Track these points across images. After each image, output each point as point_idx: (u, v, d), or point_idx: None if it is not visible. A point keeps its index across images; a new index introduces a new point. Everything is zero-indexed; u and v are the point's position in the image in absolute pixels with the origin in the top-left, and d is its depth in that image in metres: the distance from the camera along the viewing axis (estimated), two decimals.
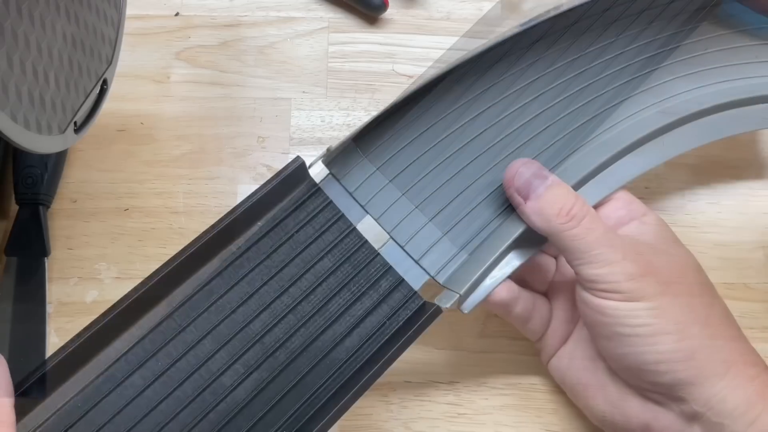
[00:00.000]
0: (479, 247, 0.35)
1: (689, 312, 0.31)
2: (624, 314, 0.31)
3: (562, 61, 0.39)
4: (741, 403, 0.30)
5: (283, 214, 0.34)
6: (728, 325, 0.32)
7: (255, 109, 0.46)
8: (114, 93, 0.39)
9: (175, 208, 0.43)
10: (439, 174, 0.37)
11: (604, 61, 0.39)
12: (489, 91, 0.38)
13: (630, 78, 0.39)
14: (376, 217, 0.35)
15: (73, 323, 0.41)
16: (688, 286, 0.32)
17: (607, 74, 0.39)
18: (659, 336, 0.30)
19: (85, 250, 0.43)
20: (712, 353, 0.31)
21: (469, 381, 0.40)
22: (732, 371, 0.31)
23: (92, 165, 0.44)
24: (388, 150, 0.37)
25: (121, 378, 0.30)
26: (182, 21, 0.48)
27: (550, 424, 0.40)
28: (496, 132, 0.37)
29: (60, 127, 0.32)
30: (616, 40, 0.39)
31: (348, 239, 0.34)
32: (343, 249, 0.34)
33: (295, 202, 0.34)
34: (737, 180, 0.45)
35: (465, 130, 0.37)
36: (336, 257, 0.34)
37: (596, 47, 0.39)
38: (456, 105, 0.38)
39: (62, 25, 0.31)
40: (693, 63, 0.40)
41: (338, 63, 0.47)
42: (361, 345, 0.32)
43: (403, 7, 0.49)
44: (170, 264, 0.31)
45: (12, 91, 0.27)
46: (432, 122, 0.37)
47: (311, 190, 0.35)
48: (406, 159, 0.37)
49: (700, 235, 0.44)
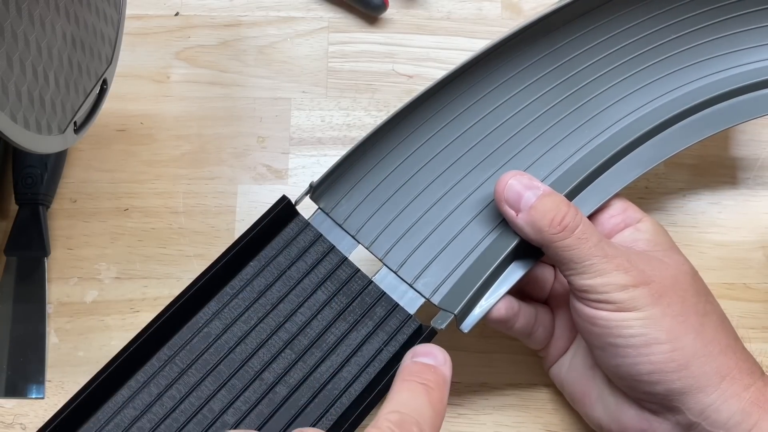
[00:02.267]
0: (473, 264, 0.35)
1: (682, 321, 0.31)
2: (616, 324, 0.31)
3: (544, 71, 0.38)
4: (736, 412, 0.30)
5: (275, 252, 0.34)
6: (724, 333, 0.32)
7: (255, 109, 0.46)
8: (114, 93, 0.39)
9: (174, 208, 0.43)
10: (429, 195, 0.36)
11: (591, 65, 0.39)
12: (474, 107, 0.38)
13: (619, 80, 0.38)
14: (367, 246, 0.35)
15: (73, 323, 0.41)
16: (682, 295, 0.32)
17: (594, 78, 0.38)
18: (652, 346, 0.30)
19: (84, 250, 0.42)
20: (706, 363, 0.31)
21: (469, 381, 0.40)
22: (726, 381, 0.31)
23: (92, 165, 0.44)
24: (375, 177, 0.37)
25: (128, 424, 0.31)
26: (182, 21, 0.48)
27: (550, 425, 0.40)
28: (485, 147, 0.37)
29: (60, 127, 0.32)
30: (601, 42, 0.39)
31: (341, 270, 0.35)
32: (336, 280, 0.34)
33: (285, 240, 0.35)
34: (737, 180, 0.45)
35: (452, 148, 0.37)
36: (329, 289, 0.34)
37: (581, 51, 0.39)
38: (442, 124, 0.37)
39: (62, 25, 0.31)
40: (675, 60, 0.39)
41: (338, 63, 0.47)
42: (359, 373, 0.32)
43: (403, 7, 0.49)
44: (168, 310, 0.32)
45: (12, 91, 0.27)
46: (417, 144, 0.37)
47: (301, 227, 0.35)
48: (393, 184, 0.37)
49: (700, 235, 0.44)
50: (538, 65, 0.38)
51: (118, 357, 0.31)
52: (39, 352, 0.40)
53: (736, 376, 0.31)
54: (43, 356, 0.40)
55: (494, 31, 0.48)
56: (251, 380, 0.32)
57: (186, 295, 0.32)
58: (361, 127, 0.46)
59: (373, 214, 0.36)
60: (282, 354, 0.32)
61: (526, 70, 0.38)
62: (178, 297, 0.33)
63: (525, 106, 0.38)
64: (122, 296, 0.42)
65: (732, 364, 0.31)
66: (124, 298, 0.42)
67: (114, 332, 0.41)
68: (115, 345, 0.41)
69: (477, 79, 0.38)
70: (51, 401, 0.40)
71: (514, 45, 0.38)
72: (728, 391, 0.30)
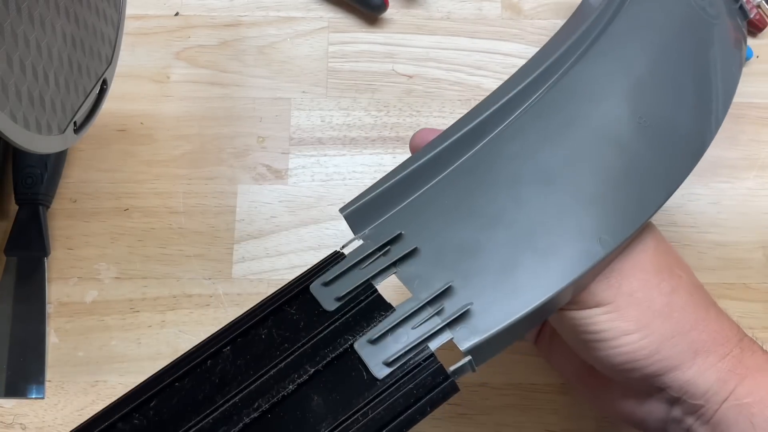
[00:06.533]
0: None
1: (648, 307, 0.31)
2: (583, 323, 0.31)
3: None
4: (713, 383, 0.30)
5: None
6: (693, 307, 0.32)
7: (255, 109, 0.46)
8: (114, 93, 0.39)
9: (174, 208, 0.43)
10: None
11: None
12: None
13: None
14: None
15: (73, 323, 0.41)
16: (643, 278, 0.31)
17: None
18: (621, 338, 0.30)
19: (84, 250, 0.42)
20: (678, 343, 0.31)
21: (469, 381, 0.40)
22: (701, 355, 0.31)
23: (92, 165, 0.44)
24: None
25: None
26: (182, 21, 0.48)
27: (550, 425, 0.40)
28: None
29: (60, 127, 0.32)
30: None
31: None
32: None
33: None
34: (737, 180, 0.45)
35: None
36: None
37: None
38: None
39: (62, 25, 0.31)
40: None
41: (338, 63, 0.47)
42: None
43: (403, 7, 0.49)
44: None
45: (12, 91, 0.27)
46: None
47: None
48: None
49: (700, 235, 0.44)
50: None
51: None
52: (39, 352, 0.40)
53: (711, 348, 0.31)
54: (43, 356, 0.40)
55: (494, 31, 0.48)
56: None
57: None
58: (361, 127, 0.46)
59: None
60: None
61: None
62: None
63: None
64: (122, 296, 0.42)
65: (705, 338, 0.31)
66: (124, 298, 0.42)
67: (114, 332, 0.41)
68: (115, 345, 0.41)
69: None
70: (51, 401, 0.40)
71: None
72: (704, 365, 0.31)
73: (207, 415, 0.26)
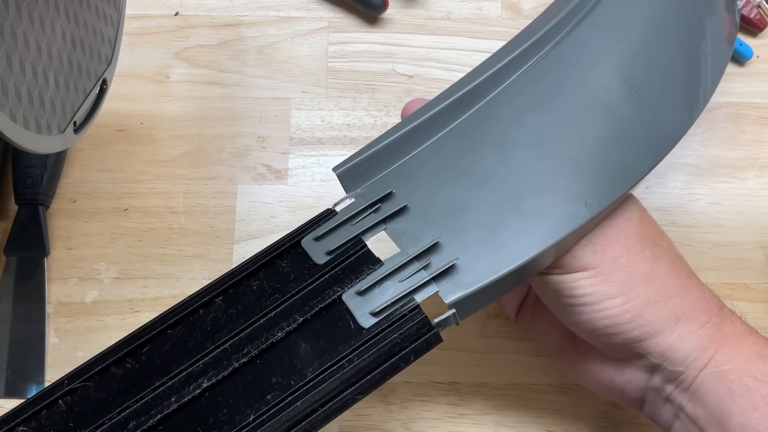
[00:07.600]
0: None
1: (631, 272, 0.31)
2: (567, 287, 0.31)
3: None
4: (693, 350, 0.31)
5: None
6: (675, 275, 0.32)
7: (255, 109, 0.46)
8: (114, 93, 0.39)
9: (174, 208, 0.43)
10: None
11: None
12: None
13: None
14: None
15: (73, 323, 0.41)
16: (626, 244, 0.32)
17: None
18: (604, 302, 0.31)
19: (84, 250, 0.42)
20: (660, 309, 0.31)
21: (469, 381, 0.40)
22: (682, 322, 0.31)
23: (92, 165, 0.44)
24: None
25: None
26: (182, 21, 0.48)
27: (550, 425, 0.40)
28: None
29: (59, 127, 0.32)
30: None
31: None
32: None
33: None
34: (737, 180, 0.45)
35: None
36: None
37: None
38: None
39: (62, 25, 0.31)
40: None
41: (338, 63, 0.47)
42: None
43: (403, 6, 0.49)
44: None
45: (12, 91, 0.27)
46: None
47: None
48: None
49: (701, 235, 0.44)
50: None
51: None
52: (39, 352, 0.40)
53: (692, 315, 0.31)
54: (42, 356, 0.40)
55: (494, 31, 0.48)
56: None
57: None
58: (361, 127, 0.46)
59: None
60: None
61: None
62: None
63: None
64: (122, 296, 0.42)
65: (686, 305, 0.31)
66: (124, 298, 0.42)
67: (114, 332, 0.41)
68: None
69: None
70: None
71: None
72: (684, 331, 0.31)
73: (197, 360, 0.26)
